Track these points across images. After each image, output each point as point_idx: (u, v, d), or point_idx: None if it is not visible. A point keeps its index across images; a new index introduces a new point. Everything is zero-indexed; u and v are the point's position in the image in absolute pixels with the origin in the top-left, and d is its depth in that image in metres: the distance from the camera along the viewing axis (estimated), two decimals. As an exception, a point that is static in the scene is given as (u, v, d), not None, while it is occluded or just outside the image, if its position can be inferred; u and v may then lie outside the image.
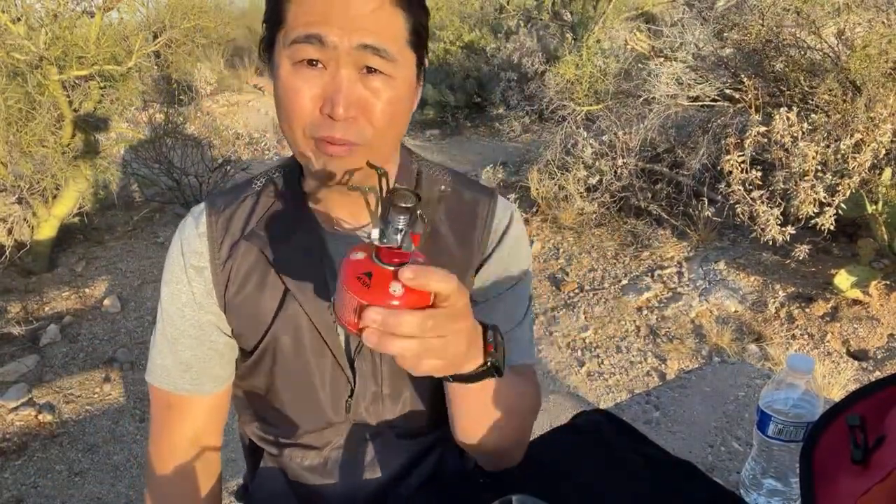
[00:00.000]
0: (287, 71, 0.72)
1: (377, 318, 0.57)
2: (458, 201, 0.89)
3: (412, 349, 0.59)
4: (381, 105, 0.72)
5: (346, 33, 0.68)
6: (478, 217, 0.89)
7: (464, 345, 0.65)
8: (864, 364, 2.82)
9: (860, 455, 0.67)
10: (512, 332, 0.88)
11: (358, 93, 0.71)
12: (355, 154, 0.74)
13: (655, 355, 3.05)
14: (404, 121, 0.78)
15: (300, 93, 0.71)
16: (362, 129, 0.73)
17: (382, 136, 0.75)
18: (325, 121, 0.71)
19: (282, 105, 0.74)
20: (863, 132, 3.06)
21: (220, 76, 8.43)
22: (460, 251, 0.87)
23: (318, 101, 0.71)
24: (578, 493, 0.92)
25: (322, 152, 0.73)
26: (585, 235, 4.19)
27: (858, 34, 3.39)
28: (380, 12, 0.70)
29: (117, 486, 2.49)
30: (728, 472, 1.07)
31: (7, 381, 3.03)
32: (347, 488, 0.91)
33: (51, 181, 3.87)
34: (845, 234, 3.53)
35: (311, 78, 0.71)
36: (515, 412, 0.81)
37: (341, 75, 0.70)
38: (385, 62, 0.71)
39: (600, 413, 1.14)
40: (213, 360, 0.87)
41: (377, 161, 0.72)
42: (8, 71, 3.71)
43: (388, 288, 0.58)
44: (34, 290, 3.87)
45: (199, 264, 0.85)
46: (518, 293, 0.91)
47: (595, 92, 4.85)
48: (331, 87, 0.70)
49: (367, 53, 0.70)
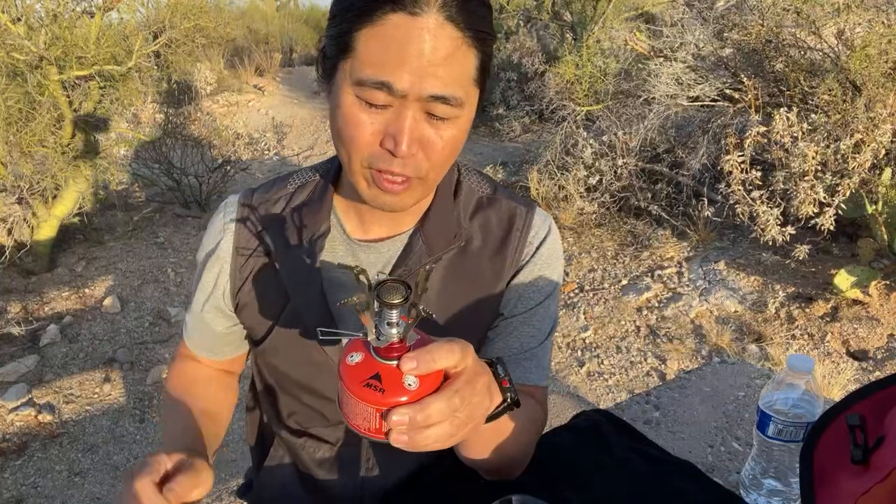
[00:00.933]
0: (350, 103, 0.70)
1: (405, 419, 0.55)
2: (496, 211, 0.88)
3: (447, 432, 0.57)
4: (442, 143, 0.72)
5: (418, 81, 0.67)
6: (514, 228, 0.87)
7: (487, 398, 0.64)
8: (864, 364, 2.82)
9: (860, 455, 0.67)
10: (534, 350, 0.88)
11: (421, 131, 0.70)
12: (410, 187, 0.74)
13: (655, 355, 3.05)
14: (458, 153, 0.78)
15: (362, 128, 0.70)
16: (420, 164, 0.72)
17: (438, 170, 0.75)
18: (385, 154, 0.71)
19: (340, 132, 0.73)
20: (863, 132, 3.05)
21: (220, 76, 8.42)
22: (491, 263, 0.86)
23: (379, 135, 0.70)
24: (578, 493, 0.92)
25: (377, 183, 0.73)
26: (585, 235, 4.19)
27: (858, 34, 3.39)
28: (453, 57, 0.68)
29: (117, 486, 2.48)
30: (728, 472, 1.07)
31: (7, 381, 3.02)
32: (355, 486, 0.91)
33: (51, 181, 3.87)
34: (845, 234, 3.53)
35: (374, 114, 0.70)
36: (521, 437, 0.80)
37: (407, 115, 0.69)
38: (452, 108, 0.70)
39: (600, 413, 1.14)
40: (228, 341, 0.95)
41: (427, 190, 0.75)
42: (8, 71, 3.71)
43: (402, 385, 0.56)
44: (34, 290, 3.87)
45: (223, 255, 0.88)
46: (547, 309, 0.89)
47: (595, 92, 4.85)
48: (394, 126, 0.69)
49: (437, 103, 0.68)
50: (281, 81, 9.58)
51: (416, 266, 0.83)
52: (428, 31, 0.66)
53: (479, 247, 0.86)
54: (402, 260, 0.84)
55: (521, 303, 0.88)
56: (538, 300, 0.88)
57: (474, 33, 0.69)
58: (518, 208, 0.89)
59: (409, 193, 0.75)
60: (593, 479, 0.95)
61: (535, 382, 0.88)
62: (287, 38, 11.06)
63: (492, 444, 0.76)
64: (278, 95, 8.93)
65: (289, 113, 8.07)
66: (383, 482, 0.92)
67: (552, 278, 0.90)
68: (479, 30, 0.69)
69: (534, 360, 0.88)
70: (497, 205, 0.89)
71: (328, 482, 0.92)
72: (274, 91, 9.09)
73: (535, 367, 0.88)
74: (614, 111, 4.55)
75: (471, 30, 0.68)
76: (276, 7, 13.30)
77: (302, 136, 7.34)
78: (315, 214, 0.85)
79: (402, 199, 0.75)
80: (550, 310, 0.90)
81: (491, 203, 0.89)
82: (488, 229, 0.87)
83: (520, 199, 0.91)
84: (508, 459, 0.81)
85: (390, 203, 0.75)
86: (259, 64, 9.62)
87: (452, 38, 0.67)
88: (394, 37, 0.66)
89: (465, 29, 0.68)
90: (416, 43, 0.66)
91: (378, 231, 0.86)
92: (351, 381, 0.57)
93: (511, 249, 0.87)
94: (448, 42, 0.67)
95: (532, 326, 0.88)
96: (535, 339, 0.88)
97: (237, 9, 10.02)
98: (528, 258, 0.88)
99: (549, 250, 0.89)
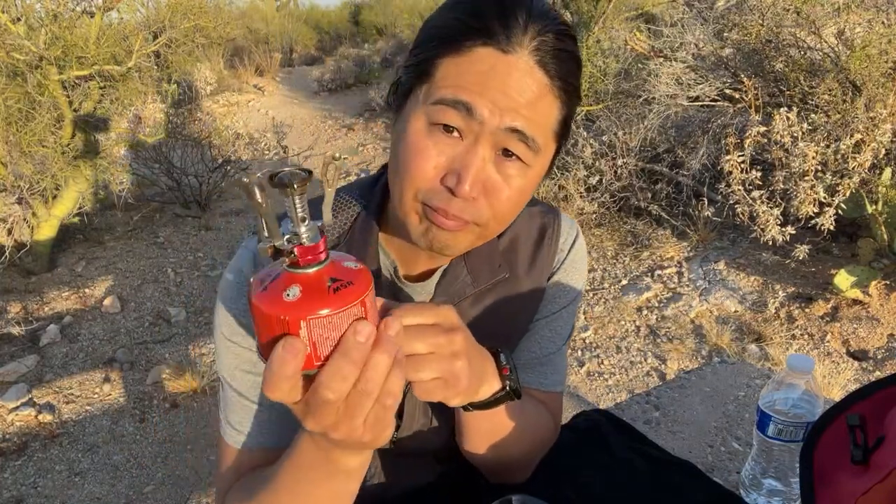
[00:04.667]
0: (419, 128, 0.65)
1: (393, 324, 0.50)
2: (523, 225, 0.84)
3: (438, 368, 0.57)
4: (508, 192, 0.66)
5: (500, 111, 0.62)
6: (545, 237, 0.84)
7: (482, 365, 0.64)
8: (864, 364, 2.82)
9: (860, 455, 0.67)
10: (553, 355, 0.86)
11: (487, 173, 0.65)
12: (464, 232, 0.67)
13: (655, 355, 3.05)
14: (524, 205, 0.73)
15: (426, 156, 0.64)
16: (480, 209, 0.66)
17: (499, 221, 0.69)
18: (444, 192, 0.65)
19: (401, 161, 0.66)
20: (863, 132, 3.05)
21: (220, 76, 8.43)
22: (529, 277, 0.83)
23: (441, 170, 0.64)
24: (578, 493, 0.92)
25: (429, 220, 0.66)
26: (585, 235, 4.19)
27: (858, 34, 3.39)
28: (538, 102, 0.64)
29: (117, 486, 2.48)
30: (728, 472, 1.07)
31: (7, 381, 3.02)
32: (375, 496, 0.90)
33: (51, 181, 3.87)
34: (845, 234, 3.53)
35: (442, 143, 0.64)
36: (523, 437, 0.78)
37: (477, 152, 0.63)
38: (528, 151, 0.65)
39: (600, 413, 1.14)
40: None
41: (483, 240, 0.69)
42: (8, 71, 3.71)
43: (282, 292, 0.47)
44: (34, 290, 3.87)
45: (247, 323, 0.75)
46: (569, 312, 0.88)
47: (595, 92, 4.85)
48: (461, 161, 0.64)
49: (514, 138, 0.63)
50: (281, 81, 9.59)
51: (460, 297, 0.78)
52: (518, 70, 0.62)
53: (513, 264, 0.82)
54: (444, 287, 0.78)
55: (547, 306, 0.86)
56: (563, 304, 0.86)
57: (562, 83, 0.65)
58: (545, 216, 0.86)
59: (462, 236, 0.68)
60: (593, 478, 0.95)
61: (550, 388, 0.86)
62: (287, 38, 11.06)
63: (490, 437, 0.76)
64: (278, 95, 8.93)
65: (289, 113, 8.07)
66: (405, 495, 0.90)
67: (578, 283, 0.88)
68: (567, 81, 0.66)
69: (550, 365, 0.86)
70: (522, 217, 0.83)
71: None
72: (274, 91, 9.09)
73: (552, 373, 0.86)
74: (614, 111, 4.55)
75: (560, 79, 0.65)
76: (276, 7, 13.30)
77: (302, 136, 7.34)
78: (358, 251, 0.76)
79: (456, 240, 0.68)
80: (572, 314, 0.88)
81: (518, 215, 0.84)
82: (519, 243, 0.83)
83: (542, 204, 0.88)
84: (509, 459, 0.80)
85: (442, 240, 0.67)
86: (259, 64, 9.62)
87: (540, 84, 0.63)
88: (480, 70, 0.62)
89: (555, 77, 0.64)
90: (503, 79, 0.62)
91: (421, 266, 0.79)
92: (266, 302, 0.47)
93: (545, 257, 0.84)
94: (535, 87, 0.63)
95: (553, 331, 0.86)
96: (555, 343, 0.86)
97: (237, 9, 10.03)
98: (559, 264, 0.86)
99: (576, 255, 0.87)
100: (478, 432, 0.75)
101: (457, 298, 0.78)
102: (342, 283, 0.48)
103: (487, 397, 0.68)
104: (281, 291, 0.47)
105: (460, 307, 0.78)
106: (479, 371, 0.65)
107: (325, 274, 0.48)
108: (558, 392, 0.88)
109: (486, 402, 0.68)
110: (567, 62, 0.65)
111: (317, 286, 0.47)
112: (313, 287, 0.47)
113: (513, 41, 0.62)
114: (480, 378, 0.66)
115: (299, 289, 0.47)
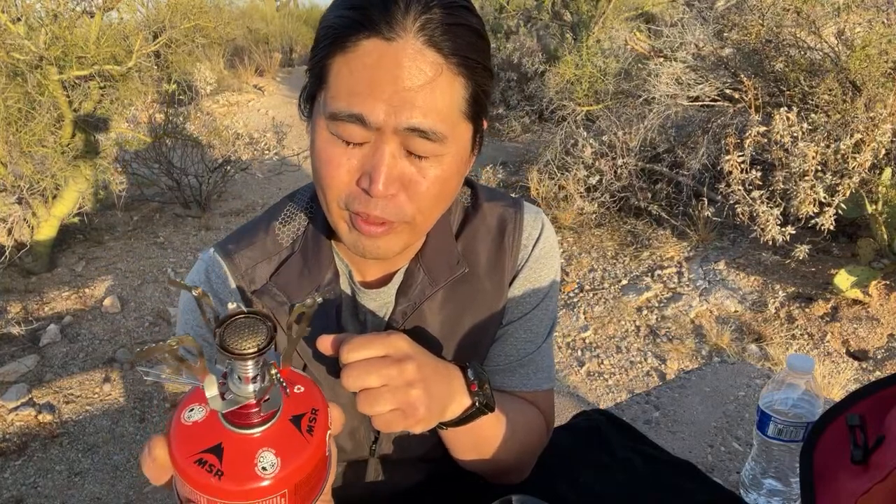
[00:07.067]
0: (324, 138, 0.64)
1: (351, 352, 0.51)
2: (483, 219, 0.81)
3: (391, 400, 0.57)
4: (426, 184, 0.64)
5: (393, 111, 0.60)
6: (506, 234, 0.81)
7: (446, 385, 0.63)
8: (864, 364, 2.82)
9: (860, 455, 0.67)
10: (533, 355, 0.83)
11: (401, 169, 0.63)
12: (393, 233, 0.66)
13: (655, 355, 3.05)
14: (452, 196, 0.70)
15: (337, 164, 0.63)
16: (402, 206, 0.64)
17: (426, 215, 0.67)
18: (362, 195, 0.63)
19: (316, 171, 0.66)
20: (863, 132, 3.05)
21: (220, 76, 8.43)
22: (489, 278, 0.80)
23: (355, 173, 0.63)
24: (578, 493, 0.92)
25: (355, 227, 0.66)
26: (585, 235, 4.19)
27: (858, 34, 3.39)
28: (434, 84, 0.60)
29: (117, 486, 2.48)
30: (728, 472, 1.07)
31: (7, 381, 3.02)
32: (365, 498, 0.89)
33: (51, 181, 3.86)
34: (845, 234, 3.53)
35: (351, 150, 0.63)
36: (512, 443, 0.77)
37: (383, 151, 0.62)
38: (433, 145, 0.62)
39: (600, 413, 1.14)
40: None
41: (416, 236, 0.68)
42: (8, 71, 3.71)
43: (252, 467, 0.39)
44: (34, 290, 3.87)
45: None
46: (544, 309, 0.84)
47: (595, 92, 4.85)
48: (370, 163, 0.62)
49: (414, 136, 0.61)
50: (281, 81, 9.58)
51: (420, 299, 0.76)
52: (405, 56, 0.59)
53: (473, 263, 0.79)
54: (403, 292, 0.77)
55: (518, 308, 0.83)
56: (535, 303, 0.83)
57: (461, 59, 0.62)
58: (506, 210, 0.82)
59: (392, 238, 0.67)
60: (593, 479, 0.95)
61: (536, 388, 0.84)
62: (287, 38, 11.06)
63: (476, 449, 0.74)
64: (278, 95, 8.93)
65: (289, 113, 8.07)
66: (394, 494, 0.89)
67: (549, 278, 0.84)
68: (466, 56, 0.62)
69: (531, 365, 0.84)
70: (481, 212, 0.81)
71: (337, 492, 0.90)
72: (274, 91, 9.09)
73: (535, 372, 0.84)
74: (614, 111, 4.55)
75: (456, 56, 0.61)
76: (276, 7, 13.30)
77: (302, 136, 7.33)
78: (311, 259, 0.76)
79: (386, 244, 0.67)
80: (549, 310, 0.85)
81: (476, 210, 0.81)
82: (478, 241, 0.80)
83: (503, 197, 0.84)
84: (500, 464, 0.79)
85: (370, 249, 0.67)
86: (259, 64, 9.62)
87: (433, 64, 0.60)
88: (366, 64, 0.59)
89: (450, 55, 0.61)
90: (391, 69, 0.59)
91: (374, 272, 0.78)
92: (179, 448, 0.40)
93: (506, 257, 0.81)
94: (427, 67, 0.60)
95: (528, 331, 0.83)
96: (534, 343, 0.83)
97: (237, 9, 10.01)
98: (524, 262, 0.82)
99: (543, 249, 0.83)
100: (461, 445, 0.74)
101: (418, 301, 0.76)
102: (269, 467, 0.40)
103: (458, 415, 0.67)
104: (200, 449, 0.40)
105: (424, 311, 0.77)
106: (441, 394, 0.64)
107: (257, 445, 0.40)
108: (545, 389, 0.85)
109: (458, 419, 0.67)
110: (463, 36, 0.62)
111: (242, 458, 0.40)
112: (237, 459, 0.40)
113: (394, 26, 0.59)
114: (445, 399, 0.65)
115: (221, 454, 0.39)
